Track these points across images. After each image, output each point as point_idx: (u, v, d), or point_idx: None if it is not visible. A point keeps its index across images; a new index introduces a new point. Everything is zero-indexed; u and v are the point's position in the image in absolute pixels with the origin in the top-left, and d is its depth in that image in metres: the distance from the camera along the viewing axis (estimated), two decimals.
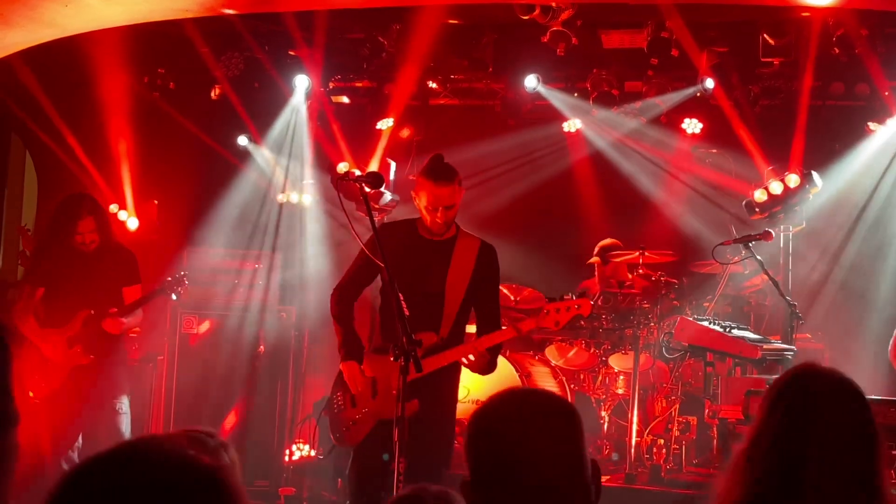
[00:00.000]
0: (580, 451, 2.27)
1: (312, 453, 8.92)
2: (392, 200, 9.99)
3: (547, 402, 2.31)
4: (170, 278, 7.33)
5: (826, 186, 9.03)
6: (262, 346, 9.19)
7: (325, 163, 10.39)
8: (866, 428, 2.61)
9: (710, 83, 9.52)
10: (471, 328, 6.22)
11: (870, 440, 2.59)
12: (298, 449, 9.05)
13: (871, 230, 9.85)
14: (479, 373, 5.75)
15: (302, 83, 10.13)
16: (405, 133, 10.72)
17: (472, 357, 5.59)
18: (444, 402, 5.79)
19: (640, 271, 8.84)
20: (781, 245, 8.98)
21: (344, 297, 5.90)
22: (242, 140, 10.68)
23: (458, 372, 5.88)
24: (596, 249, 9.52)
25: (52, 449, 6.69)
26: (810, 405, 2.61)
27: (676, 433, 8.28)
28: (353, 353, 5.75)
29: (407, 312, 4.91)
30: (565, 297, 5.58)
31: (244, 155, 10.72)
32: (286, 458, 8.93)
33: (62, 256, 6.99)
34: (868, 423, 2.62)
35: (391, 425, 5.11)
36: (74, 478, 1.48)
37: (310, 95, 10.32)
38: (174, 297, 7.42)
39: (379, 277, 5.84)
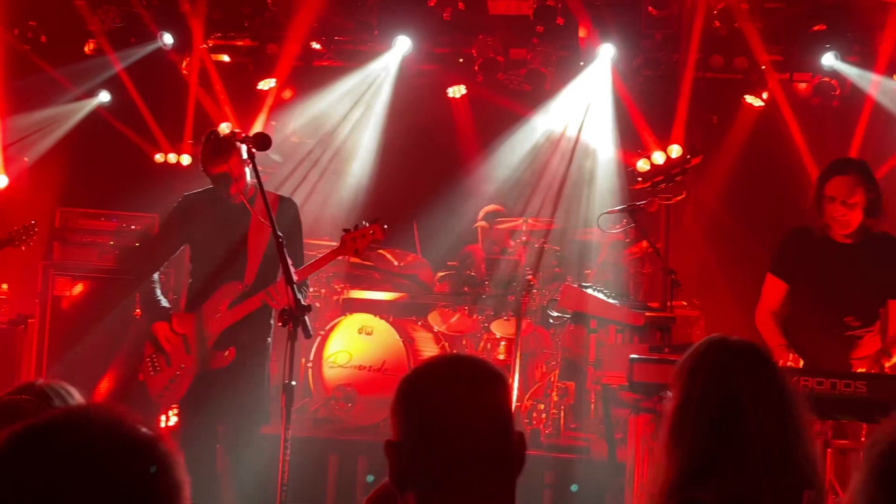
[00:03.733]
0: (507, 420, 2.26)
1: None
2: (276, 160, 9.86)
3: (477, 368, 2.29)
4: (17, 228, 6.98)
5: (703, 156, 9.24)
6: (138, 310, 8.97)
7: (206, 122, 10.16)
8: (785, 384, 2.77)
9: (608, 49, 9.60)
10: None
11: (790, 393, 2.76)
12: (175, 415, 8.86)
13: (744, 198, 10.14)
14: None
15: (169, 39, 9.88)
16: (287, 94, 10.55)
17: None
18: (256, 351, 6.03)
19: (523, 238, 8.89)
20: (662, 214, 9.15)
21: (144, 267, 6.20)
22: (105, 96, 10.40)
23: (269, 325, 6.08)
24: (481, 214, 9.55)
25: None
26: (733, 369, 2.75)
27: (555, 398, 8.37)
28: (159, 315, 6.00)
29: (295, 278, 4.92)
30: (360, 226, 5.74)
31: (121, 113, 10.40)
32: (162, 424, 8.75)
33: None
34: (784, 380, 2.78)
35: (210, 378, 5.84)
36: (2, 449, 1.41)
37: (189, 52, 10.08)
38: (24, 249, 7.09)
39: (189, 247, 6.16)
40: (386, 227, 5.78)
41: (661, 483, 2.67)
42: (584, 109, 10.30)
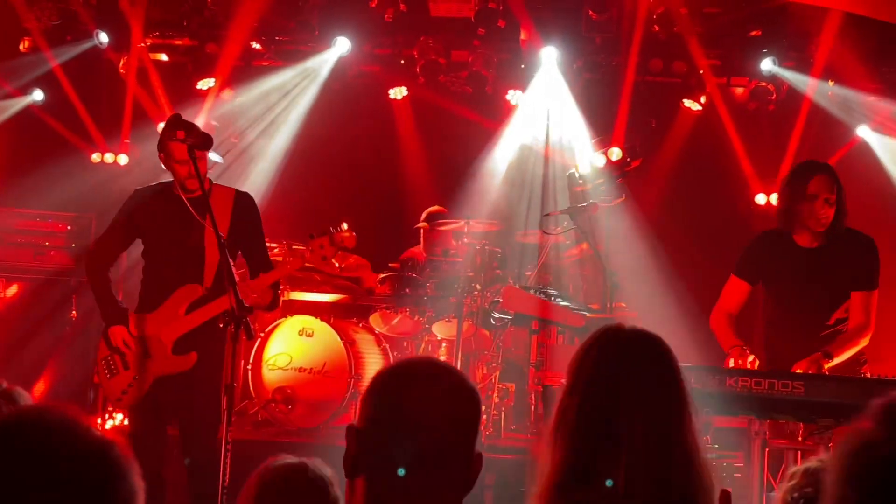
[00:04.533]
0: (472, 438, 2.25)
1: (126, 422, 8.62)
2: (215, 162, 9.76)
3: (458, 380, 2.29)
4: None
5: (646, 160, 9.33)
6: (74, 312, 8.85)
7: (144, 121, 10.04)
8: (673, 383, 2.61)
9: (550, 52, 9.67)
10: None
11: (678, 395, 2.60)
12: (111, 417, 8.73)
13: (682, 200, 10.26)
14: (266, 310, 6.03)
15: (104, 38, 9.75)
16: (228, 94, 10.44)
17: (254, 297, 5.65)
18: (215, 355, 5.77)
19: (465, 240, 8.89)
20: (603, 216, 9.21)
21: (97, 263, 6.00)
22: (38, 95, 10.22)
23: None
24: (424, 215, 9.54)
25: None
26: (616, 361, 2.61)
27: (496, 400, 8.39)
28: (117, 317, 5.84)
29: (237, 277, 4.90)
30: (328, 232, 5.74)
31: (58, 112, 10.23)
32: (99, 427, 8.61)
33: None
34: (674, 379, 2.62)
35: (168, 382, 5.72)
36: None
37: (127, 51, 9.95)
38: None
39: (141, 241, 5.98)
40: (355, 234, 5.78)
41: (544, 482, 2.61)
42: (531, 113, 10.34)
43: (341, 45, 9.90)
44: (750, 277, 5.96)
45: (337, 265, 9.24)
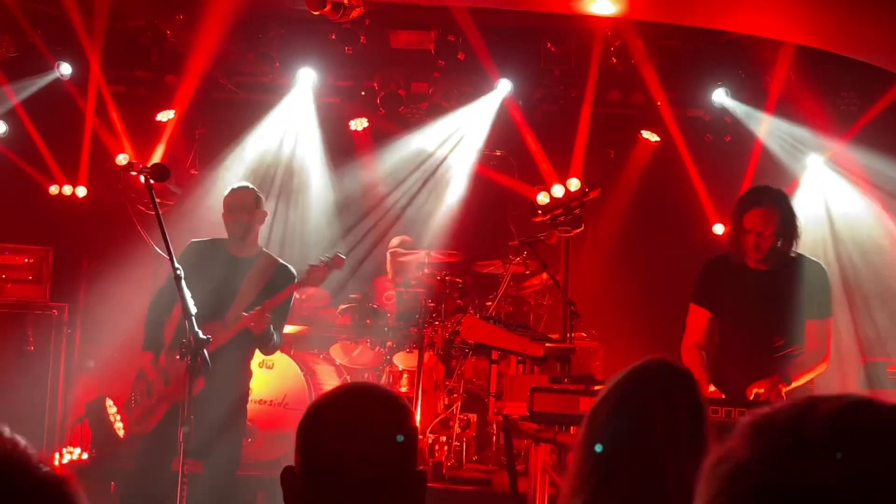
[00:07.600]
0: (408, 456, 2.25)
1: (84, 456, 8.55)
2: (174, 192, 9.73)
3: (382, 400, 2.28)
4: None
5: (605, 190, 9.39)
6: (31, 345, 8.76)
7: (103, 153, 9.98)
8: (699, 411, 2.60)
9: (506, 84, 9.76)
10: None
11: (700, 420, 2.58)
12: (68, 452, 8.65)
13: (641, 230, 10.34)
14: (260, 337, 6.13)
15: (67, 69, 9.71)
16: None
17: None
18: (233, 383, 6.23)
19: (426, 271, 8.92)
20: (562, 246, 9.26)
21: (154, 313, 6.29)
22: (1, 127, 10.14)
23: (248, 357, 6.36)
24: (393, 243, 9.62)
25: None
26: (644, 390, 2.62)
27: (457, 430, 8.40)
28: (148, 344, 6.16)
29: (194, 310, 4.93)
30: (321, 259, 6.27)
31: (15, 144, 10.13)
32: (55, 463, 8.50)
33: None
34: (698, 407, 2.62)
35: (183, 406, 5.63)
36: None
37: (86, 83, 9.91)
38: None
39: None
40: (345, 256, 6.35)
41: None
42: (491, 144, 10.40)
43: (307, 77, 9.93)
44: (707, 303, 5.93)
45: (298, 297, 9.24)
